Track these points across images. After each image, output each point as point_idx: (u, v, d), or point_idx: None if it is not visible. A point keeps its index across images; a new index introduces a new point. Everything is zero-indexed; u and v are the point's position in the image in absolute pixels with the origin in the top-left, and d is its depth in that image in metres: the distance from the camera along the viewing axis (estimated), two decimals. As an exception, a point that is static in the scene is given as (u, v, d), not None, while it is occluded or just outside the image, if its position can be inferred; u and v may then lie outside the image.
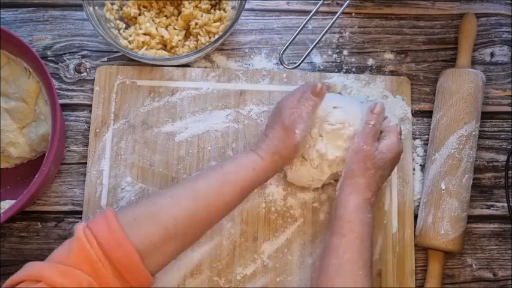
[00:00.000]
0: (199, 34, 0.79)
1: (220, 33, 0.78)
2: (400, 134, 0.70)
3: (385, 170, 0.67)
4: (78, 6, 0.82)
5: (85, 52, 0.81)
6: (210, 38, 0.80)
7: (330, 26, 0.74)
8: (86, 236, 0.55)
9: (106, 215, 0.58)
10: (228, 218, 0.74)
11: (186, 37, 0.81)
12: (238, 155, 0.68)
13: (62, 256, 0.55)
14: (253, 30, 0.83)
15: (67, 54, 0.81)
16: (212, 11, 0.81)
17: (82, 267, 0.54)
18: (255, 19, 0.83)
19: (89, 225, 0.56)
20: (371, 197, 0.66)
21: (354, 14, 0.84)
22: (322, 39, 0.82)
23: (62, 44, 0.82)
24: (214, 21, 0.80)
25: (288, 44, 0.74)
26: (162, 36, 0.79)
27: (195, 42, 0.80)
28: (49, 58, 0.81)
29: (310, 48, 0.74)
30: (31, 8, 0.83)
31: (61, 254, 0.56)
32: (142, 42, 0.79)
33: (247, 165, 0.66)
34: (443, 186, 0.73)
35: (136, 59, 0.76)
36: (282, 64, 0.74)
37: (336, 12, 0.83)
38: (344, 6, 0.74)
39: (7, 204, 0.70)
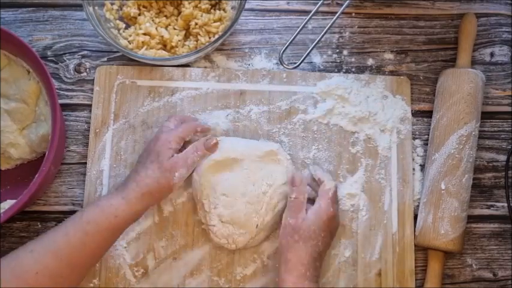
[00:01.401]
0: (199, 34, 0.79)
1: (220, 33, 0.78)
2: (333, 196, 0.69)
3: (317, 239, 0.66)
4: (78, 6, 0.82)
5: (85, 52, 0.81)
6: (210, 38, 0.80)
7: (330, 26, 0.74)
8: None
9: None
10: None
11: (186, 37, 0.81)
12: (101, 199, 0.65)
13: None
14: (253, 30, 0.83)
15: (67, 54, 0.81)
16: (212, 11, 0.81)
17: None
18: (255, 19, 0.83)
19: None
20: (305, 272, 0.64)
21: (354, 14, 0.84)
22: (322, 39, 0.82)
23: (62, 44, 0.82)
24: (214, 21, 0.80)
25: (287, 44, 0.74)
26: (162, 36, 0.79)
27: (195, 42, 0.80)
28: (49, 58, 0.81)
29: (310, 48, 0.74)
30: (31, 8, 0.83)
31: None
32: (142, 42, 0.79)
33: (109, 212, 0.63)
34: (443, 186, 0.73)
35: (136, 59, 0.76)
36: (281, 64, 0.73)
37: (336, 12, 0.83)
38: (344, 6, 0.74)
39: (8, 204, 0.70)
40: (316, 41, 0.74)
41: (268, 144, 0.75)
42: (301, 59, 0.74)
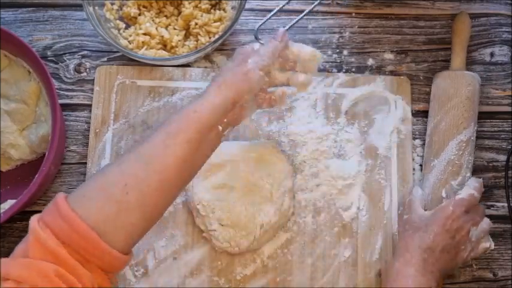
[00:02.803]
0: (199, 34, 0.79)
1: (220, 33, 0.78)
2: (463, 205, 0.69)
3: (427, 231, 0.68)
4: (78, 6, 0.82)
5: (85, 52, 0.81)
6: (210, 38, 0.80)
7: (304, 15, 0.72)
8: (40, 227, 0.51)
9: (56, 200, 0.53)
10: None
11: (186, 37, 0.81)
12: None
13: (22, 251, 0.52)
14: (253, 30, 0.83)
15: (67, 54, 0.81)
16: (212, 11, 0.81)
17: (44, 257, 0.50)
18: (255, 19, 0.83)
19: (42, 216, 0.52)
20: (411, 258, 0.66)
21: (354, 14, 0.84)
22: (322, 39, 0.82)
23: (62, 44, 0.82)
24: (214, 21, 0.80)
25: (265, 20, 0.72)
26: (162, 36, 0.79)
27: (195, 42, 0.80)
28: (49, 58, 0.81)
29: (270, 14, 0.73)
30: (31, 8, 0.83)
31: (21, 248, 0.52)
32: (142, 42, 0.79)
33: (188, 108, 0.58)
34: (444, 195, 0.72)
35: (136, 59, 0.76)
36: (256, 39, 0.72)
37: (336, 13, 0.84)
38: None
39: (8, 204, 0.70)
40: (274, 11, 0.73)
41: (261, 144, 0.75)
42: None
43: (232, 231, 0.71)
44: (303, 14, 0.72)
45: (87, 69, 0.81)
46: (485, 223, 0.70)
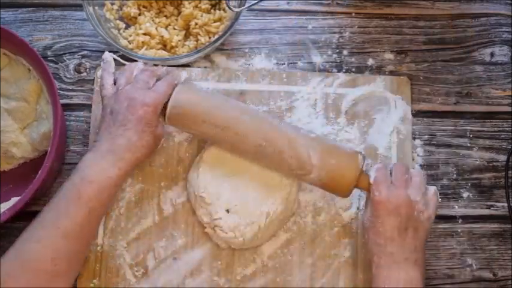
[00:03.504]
0: (199, 34, 0.80)
1: (220, 33, 0.78)
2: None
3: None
4: (78, 6, 0.82)
5: (85, 52, 0.81)
6: (210, 38, 0.80)
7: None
8: None
9: None
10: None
11: (186, 37, 0.81)
12: (94, 171, 0.63)
13: None
14: (253, 30, 0.83)
15: (67, 54, 0.81)
16: (212, 11, 0.81)
17: None
18: (255, 19, 0.83)
19: None
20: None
21: (354, 14, 0.84)
22: (322, 39, 0.82)
23: (62, 44, 0.82)
24: (214, 21, 0.80)
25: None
26: (162, 36, 0.79)
27: (195, 42, 0.80)
28: (49, 58, 0.81)
29: None
30: (31, 8, 0.83)
31: None
32: (142, 42, 0.79)
33: (109, 184, 0.63)
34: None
35: (136, 58, 0.76)
36: (228, 6, 0.74)
37: (336, 12, 0.84)
38: None
39: (13, 202, 0.70)
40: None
41: None
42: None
43: (238, 218, 0.70)
44: None
45: (87, 69, 0.81)
46: (416, 175, 0.66)
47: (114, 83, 0.69)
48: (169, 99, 0.67)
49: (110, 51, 0.72)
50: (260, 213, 0.70)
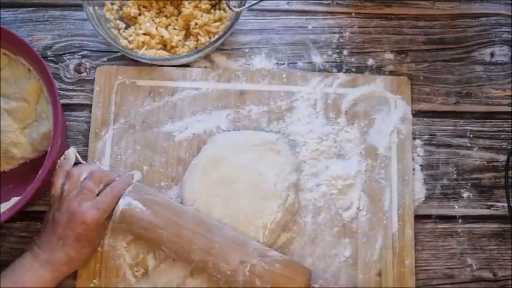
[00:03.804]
0: (199, 34, 0.80)
1: (221, 33, 0.78)
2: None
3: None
4: (78, 6, 0.83)
5: (85, 52, 0.81)
6: (210, 38, 0.80)
7: None
8: None
9: None
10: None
11: (186, 37, 0.81)
12: (30, 281, 0.65)
13: None
14: (253, 30, 0.83)
15: (67, 54, 0.81)
16: (212, 11, 0.81)
17: None
18: (255, 19, 0.83)
19: None
20: None
21: (354, 14, 0.84)
22: (322, 39, 0.82)
23: (62, 44, 0.82)
24: (214, 21, 0.80)
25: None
26: (162, 36, 0.79)
27: (195, 42, 0.80)
28: (49, 58, 0.81)
29: None
30: (31, 8, 0.83)
31: None
32: (142, 42, 0.79)
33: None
34: None
35: (136, 58, 0.76)
36: (228, 6, 0.74)
37: (336, 12, 0.84)
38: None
39: (13, 202, 0.70)
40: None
41: (265, 134, 0.76)
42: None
43: None
44: None
45: (87, 69, 0.81)
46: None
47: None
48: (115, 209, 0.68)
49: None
50: (255, 226, 0.70)
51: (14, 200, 0.70)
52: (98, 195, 0.69)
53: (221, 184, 0.71)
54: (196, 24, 0.79)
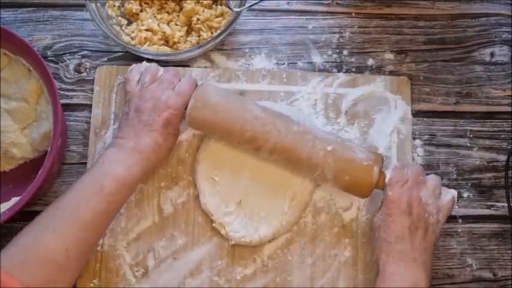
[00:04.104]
0: (201, 30, 0.80)
1: (222, 28, 0.78)
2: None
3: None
4: (78, 6, 0.83)
5: (85, 52, 0.81)
6: (212, 33, 0.80)
7: None
8: None
9: None
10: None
11: (188, 33, 0.81)
12: (119, 167, 0.64)
13: None
14: (253, 30, 0.83)
15: (67, 54, 0.81)
16: (214, 6, 0.81)
17: None
18: (255, 19, 0.83)
19: None
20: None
21: (354, 14, 0.84)
22: (322, 39, 0.82)
23: (62, 44, 0.82)
24: (216, 17, 0.80)
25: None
26: (164, 32, 0.79)
27: (197, 38, 0.80)
28: (49, 58, 0.81)
29: None
30: (31, 8, 0.83)
31: None
32: (145, 38, 0.79)
33: (131, 182, 0.64)
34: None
35: (139, 54, 0.76)
36: (228, 6, 0.75)
37: (336, 12, 0.84)
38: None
39: (13, 202, 0.70)
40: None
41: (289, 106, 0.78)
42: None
43: (250, 222, 0.71)
44: None
45: (87, 69, 0.81)
46: (431, 179, 0.67)
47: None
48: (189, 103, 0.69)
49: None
50: (283, 197, 0.71)
51: (14, 200, 0.70)
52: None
53: (237, 171, 0.72)
54: (198, 19, 0.79)
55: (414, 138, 0.79)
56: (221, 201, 0.72)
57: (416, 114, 0.80)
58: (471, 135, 0.80)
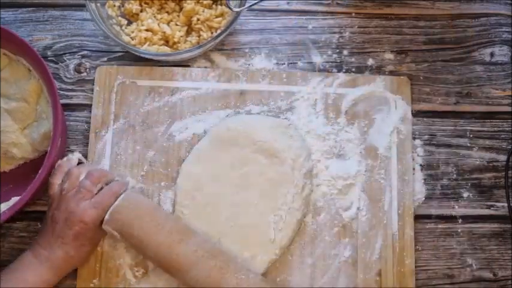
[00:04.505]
0: (201, 30, 0.80)
1: (222, 28, 0.78)
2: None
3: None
4: (78, 6, 0.83)
5: (85, 52, 0.81)
6: (212, 33, 0.80)
7: None
8: None
9: None
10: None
11: (188, 33, 0.81)
12: (31, 279, 0.66)
13: None
14: (253, 30, 0.83)
15: (67, 54, 0.81)
16: (213, 6, 0.81)
17: None
18: (255, 19, 0.83)
19: None
20: None
21: (354, 14, 0.84)
22: (322, 39, 0.82)
23: (62, 44, 0.82)
24: (216, 17, 0.80)
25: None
26: (164, 32, 0.79)
27: (197, 38, 0.80)
28: (49, 58, 0.81)
29: None
30: (31, 8, 0.83)
31: None
32: (145, 38, 0.79)
33: None
34: None
35: (139, 54, 0.76)
36: (228, 6, 0.75)
37: (336, 12, 0.84)
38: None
39: (13, 202, 0.70)
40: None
41: (274, 118, 0.77)
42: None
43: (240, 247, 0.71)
44: None
45: (87, 69, 0.81)
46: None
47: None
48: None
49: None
50: (266, 224, 0.70)
51: (14, 200, 0.70)
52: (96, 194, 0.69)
53: (231, 169, 0.71)
54: (198, 19, 0.79)
55: (414, 138, 0.79)
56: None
57: (416, 114, 0.80)
58: (471, 135, 0.80)
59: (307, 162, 0.74)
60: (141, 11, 0.81)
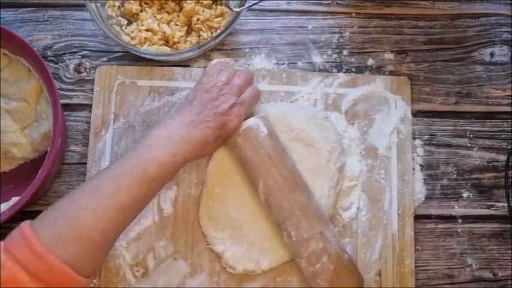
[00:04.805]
0: (201, 30, 0.80)
1: (222, 28, 0.78)
2: None
3: None
4: (78, 6, 0.83)
5: (85, 52, 0.81)
6: (212, 33, 0.80)
7: None
8: (11, 264, 0.54)
9: (25, 236, 0.56)
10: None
11: (188, 33, 0.81)
12: (163, 154, 0.63)
13: None
14: (253, 30, 0.83)
15: (67, 54, 0.81)
16: (214, 6, 0.81)
17: None
18: (255, 19, 0.83)
19: (9, 248, 0.55)
20: None
21: (354, 14, 0.84)
22: (322, 39, 0.82)
23: (62, 44, 0.82)
24: (216, 17, 0.80)
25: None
26: (164, 32, 0.79)
27: (197, 38, 0.80)
28: (49, 58, 0.81)
29: None
30: (31, 8, 0.83)
31: None
32: (145, 38, 0.79)
33: (173, 168, 0.64)
34: None
35: (139, 54, 0.76)
36: (228, 6, 0.75)
37: (336, 12, 0.84)
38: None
39: (13, 202, 0.70)
40: None
41: (314, 109, 0.77)
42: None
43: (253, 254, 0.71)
44: None
45: (87, 69, 0.81)
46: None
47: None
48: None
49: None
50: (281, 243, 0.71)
51: (14, 200, 0.70)
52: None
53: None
54: (198, 19, 0.79)
55: (414, 138, 0.79)
56: (218, 223, 0.72)
57: (416, 114, 0.80)
58: (471, 135, 0.80)
59: (342, 157, 0.74)
60: (141, 11, 0.81)
